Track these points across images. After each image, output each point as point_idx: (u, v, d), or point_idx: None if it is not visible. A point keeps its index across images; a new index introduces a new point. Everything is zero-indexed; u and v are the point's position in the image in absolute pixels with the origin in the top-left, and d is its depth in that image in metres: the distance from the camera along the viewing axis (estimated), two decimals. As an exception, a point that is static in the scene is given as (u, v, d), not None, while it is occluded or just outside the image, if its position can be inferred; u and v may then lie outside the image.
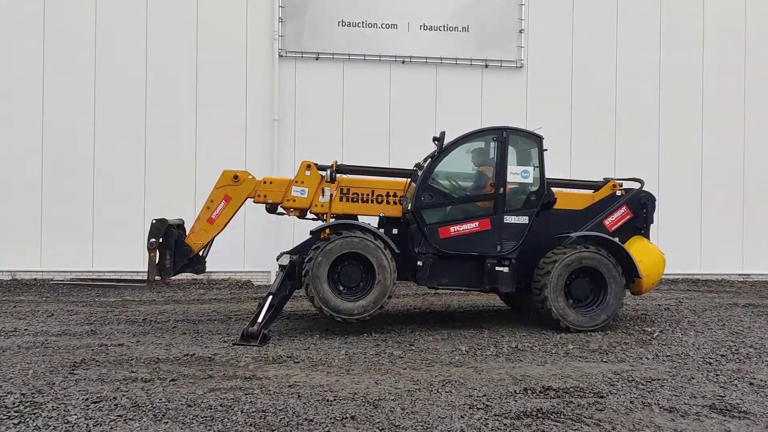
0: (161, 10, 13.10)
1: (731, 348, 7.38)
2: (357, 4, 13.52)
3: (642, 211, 9.01)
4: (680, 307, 10.43)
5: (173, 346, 7.22)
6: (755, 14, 14.55)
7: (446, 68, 13.79)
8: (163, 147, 13.02)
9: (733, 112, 14.49)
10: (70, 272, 12.76)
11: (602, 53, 14.17)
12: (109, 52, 12.96)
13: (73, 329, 8.20)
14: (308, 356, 6.75)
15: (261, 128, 13.31)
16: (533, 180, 8.36)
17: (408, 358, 6.78)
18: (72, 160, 12.84)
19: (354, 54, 13.47)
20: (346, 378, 5.90)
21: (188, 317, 9.23)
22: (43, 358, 6.57)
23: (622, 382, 5.88)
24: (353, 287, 7.96)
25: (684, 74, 14.36)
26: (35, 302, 10.56)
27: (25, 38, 12.78)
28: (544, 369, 6.35)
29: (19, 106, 12.77)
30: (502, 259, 8.28)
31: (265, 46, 13.35)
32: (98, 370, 6.08)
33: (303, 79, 13.44)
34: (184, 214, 9.21)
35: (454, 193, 8.55)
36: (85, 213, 12.81)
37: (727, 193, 14.44)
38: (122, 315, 9.36)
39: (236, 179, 8.54)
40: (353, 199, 8.69)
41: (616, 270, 8.20)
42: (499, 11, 13.91)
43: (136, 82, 13.00)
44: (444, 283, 8.42)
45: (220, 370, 6.10)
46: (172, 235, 8.25)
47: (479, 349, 7.21)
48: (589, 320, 8.17)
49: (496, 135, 8.37)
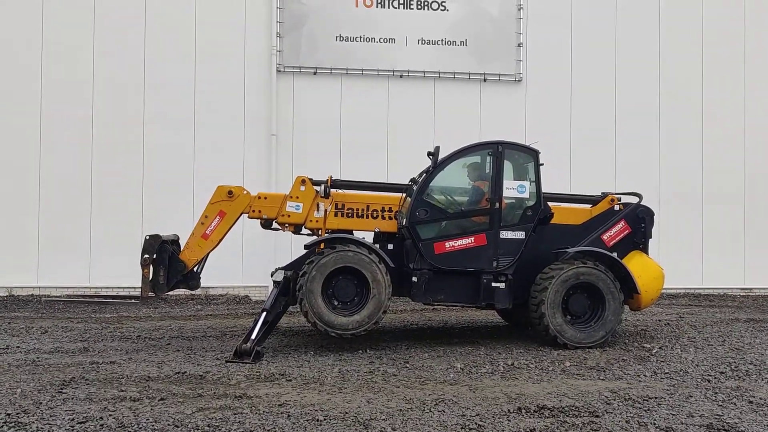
0: (159, 25, 13.12)
1: (731, 365, 7.28)
2: (354, 19, 13.52)
3: (640, 226, 8.92)
4: (681, 322, 10.32)
5: (165, 363, 7.14)
6: (754, 28, 14.51)
7: (444, 82, 13.77)
8: (161, 162, 12.98)
9: (734, 125, 14.42)
10: (66, 288, 12.70)
11: (601, 66, 14.13)
12: (106, 66, 12.96)
13: (66, 346, 8.13)
14: (301, 374, 6.67)
15: (259, 143, 13.28)
16: (530, 195, 8.30)
17: (402, 375, 6.69)
18: (68, 176, 12.79)
19: (352, 68, 13.47)
20: (338, 396, 5.81)
21: (183, 334, 9.15)
22: (33, 376, 6.50)
23: (619, 400, 5.78)
24: (348, 302, 7.88)
25: (683, 87, 14.30)
26: (30, 319, 10.50)
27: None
28: (540, 387, 6.25)
29: (17, 124, 12.75)
30: (498, 275, 8.20)
31: (263, 61, 13.35)
32: (87, 388, 6.01)
33: (301, 93, 13.43)
34: (181, 229, 9.15)
35: (449, 208, 8.50)
36: (82, 229, 12.76)
37: (728, 207, 14.34)
38: (117, 332, 9.29)
39: (231, 195, 8.49)
40: (348, 215, 8.64)
41: (614, 285, 8.11)
42: (497, 25, 13.91)
43: (134, 97, 12.99)
44: (440, 299, 8.34)
45: (210, 389, 6.02)
46: (166, 251, 8.19)
47: (475, 366, 7.12)
48: (587, 336, 8.08)
49: (492, 149, 8.32)
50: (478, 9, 13.86)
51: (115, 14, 13.06)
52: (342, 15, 13.51)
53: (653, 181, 13.98)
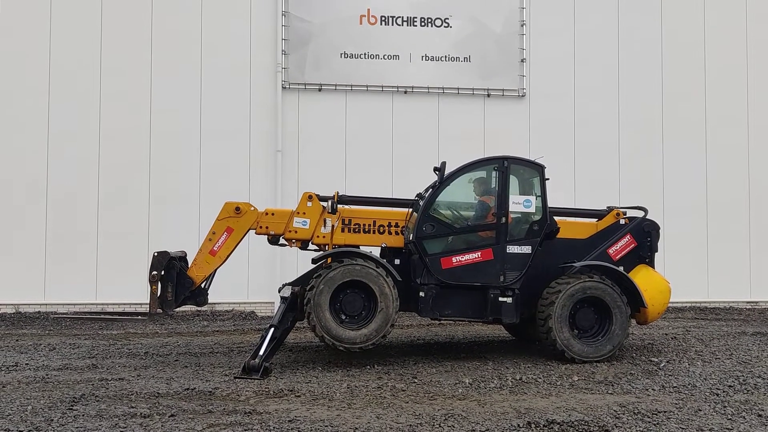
0: (166, 43, 13.26)
1: (739, 378, 7.26)
2: (359, 36, 13.66)
3: (646, 240, 8.93)
4: (687, 336, 10.30)
5: (174, 380, 7.16)
6: (756, 41, 14.58)
7: (448, 98, 13.86)
8: (167, 179, 13.07)
9: (738, 137, 14.46)
10: (73, 305, 12.74)
11: (604, 80, 14.22)
12: (113, 84, 13.07)
13: (75, 363, 8.15)
14: (309, 389, 6.68)
15: (264, 159, 13.37)
16: (535, 209, 8.33)
17: (410, 391, 6.70)
18: (75, 193, 12.88)
19: (356, 85, 13.58)
20: (348, 412, 5.82)
21: (190, 350, 9.17)
22: (43, 393, 6.53)
23: (628, 414, 5.78)
24: (355, 316, 7.89)
25: (686, 100, 14.36)
26: (38, 335, 10.54)
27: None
28: (549, 401, 6.26)
29: (24, 140, 12.86)
30: (505, 290, 8.21)
31: (268, 78, 13.47)
32: (97, 405, 6.03)
33: (306, 110, 13.53)
34: (188, 246, 9.20)
35: (455, 223, 8.53)
36: (89, 245, 12.82)
37: (733, 220, 14.35)
38: (124, 348, 9.32)
39: (238, 211, 8.54)
40: (355, 230, 8.67)
41: (621, 299, 8.12)
42: (501, 41, 14.02)
43: (140, 115, 13.10)
44: (447, 314, 8.35)
45: (220, 405, 6.04)
46: (174, 267, 8.23)
47: (483, 381, 7.12)
48: (595, 351, 8.08)
49: (498, 164, 8.36)
50: (482, 26, 13.98)
51: (122, 32, 13.19)
52: (346, 32, 13.64)
53: (658, 194, 13.99)
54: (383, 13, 13.75)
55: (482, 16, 14.00)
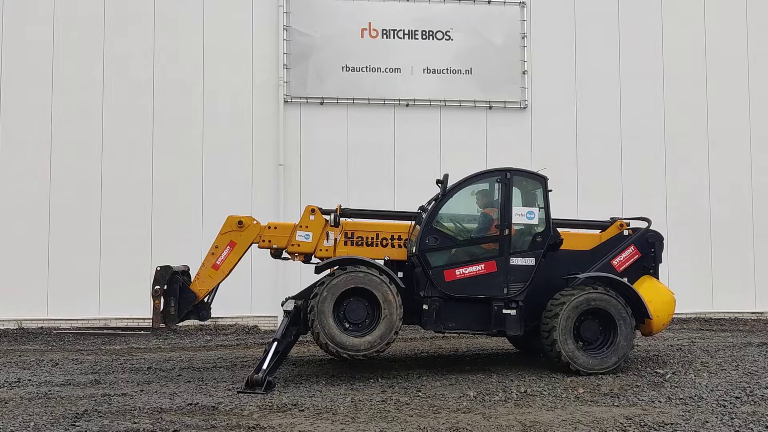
0: (167, 56, 13.30)
1: (746, 389, 7.21)
2: (360, 49, 13.70)
3: (650, 251, 8.91)
4: (693, 347, 10.24)
5: (177, 394, 7.13)
6: (757, 52, 14.60)
7: (450, 110, 13.88)
8: (170, 194, 13.07)
9: (741, 148, 14.44)
10: (76, 320, 12.71)
11: (606, 92, 14.22)
12: (114, 99, 13.12)
13: (77, 379, 8.12)
14: (313, 404, 6.65)
15: (267, 173, 13.38)
16: (539, 221, 8.31)
17: (415, 404, 6.66)
18: (78, 208, 12.88)
19: (358, 98, 13.61)
20: (352, 426, 5.79)
21: (193, 364, 9.13)
22: (45, 409, 6.50)
23: (635, 427, 5.74)
24: (359, 323, 7.84)
25: (688, 111, 14.35)
26: (41, 351, 10.51)
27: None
28: (554, 414, 6.21)
29: (26, 158, 12.89)
30: (509, 302, 8.18)
31: (270, 92, 13.50)
32: (100, 421, 6.00)
33: (308, 123, 13.56)
34: (191, 260, 9.18)
35: (459, 235, 8.52)
36: (92, 260, 12.81)
37: (737, 230, 14.29)
38: (127, 363, 9.28)
39: (241, 225, 8.53)
40: (358, 243, 8.66)
41: (625, 311, 8.08)
42: (502, 54, 14.05)
43: (143, 130, 13.13)
44: (451, 326, 8.31)
45: (223, 420, 6.01)
46: (177, 281, 8.20)
47: (487, 394, 7.08)
48: (600, 363, 8.03)
49: (500, 176, 8.36)
50: (483, 38, 14.02)
51: (124, 47, 13.25)
52: (348, 46, 13.69)
53: (661, 205, 13.96)
54: (384, 26, 13.80)
55: (483, 28, 14.05)
